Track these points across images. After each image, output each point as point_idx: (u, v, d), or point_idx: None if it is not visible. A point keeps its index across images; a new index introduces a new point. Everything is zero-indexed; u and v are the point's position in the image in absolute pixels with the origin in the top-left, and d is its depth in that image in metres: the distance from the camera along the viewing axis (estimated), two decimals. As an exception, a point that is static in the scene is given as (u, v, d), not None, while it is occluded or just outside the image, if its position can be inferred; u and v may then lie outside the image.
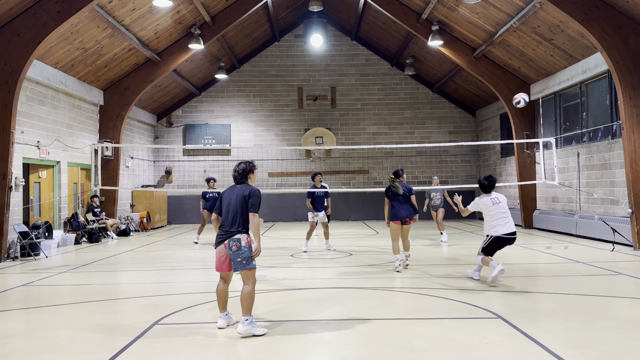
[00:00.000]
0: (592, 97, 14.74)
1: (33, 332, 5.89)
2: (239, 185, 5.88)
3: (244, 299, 5.57)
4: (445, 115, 23.79)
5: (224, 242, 5.68)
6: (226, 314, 5.89)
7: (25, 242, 12.14)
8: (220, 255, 5.77)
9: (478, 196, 8.66)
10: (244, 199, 5.71)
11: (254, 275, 5.70)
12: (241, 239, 5.63)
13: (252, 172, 5.98)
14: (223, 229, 5.74)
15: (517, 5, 13.93)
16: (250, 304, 5.57)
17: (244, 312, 5.55)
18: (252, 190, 5.76)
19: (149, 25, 15.51)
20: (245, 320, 5.50)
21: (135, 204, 20.15)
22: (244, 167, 5.94)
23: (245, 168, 5.94)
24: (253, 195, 5.73)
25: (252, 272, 5.68)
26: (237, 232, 5.65)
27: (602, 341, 5.18)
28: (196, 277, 9.34)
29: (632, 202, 11.96)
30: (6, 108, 11.65)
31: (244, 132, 23.65)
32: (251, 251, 5.66)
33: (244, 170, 5.93)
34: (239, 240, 5.61)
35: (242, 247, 5.61)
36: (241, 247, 5.61)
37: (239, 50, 22.46)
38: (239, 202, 5.72)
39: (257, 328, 5.53)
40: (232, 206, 5.74)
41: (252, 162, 6.04)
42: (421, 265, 10.24)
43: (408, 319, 6.17)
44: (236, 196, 5.76)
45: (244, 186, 5.85)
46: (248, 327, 5.47)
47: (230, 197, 5.80)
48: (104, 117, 17.52)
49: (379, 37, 22.49)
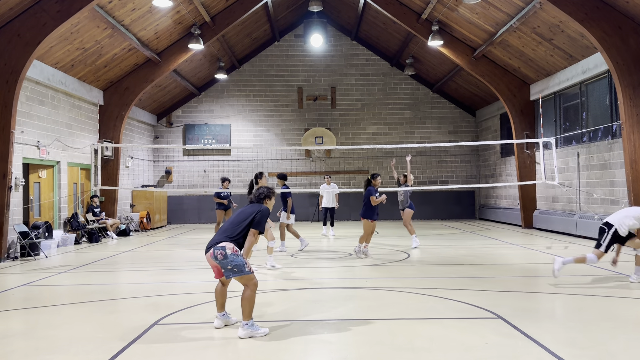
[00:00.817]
0: (592, 97, 14.74)
1: (33, 332, 5.88)
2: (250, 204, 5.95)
3: (243, 303, 5.49)
4: (445, 115, 23.79)
5: (210, 250, 5.60)
6: (223, 314, 5.87)
7: (25, 242, 12.14)
8: (210, 263, 5.70)
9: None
10: (251, 214, 5.72)
11: (252, 280, 5.54)
12: (226, 247, 5.51)
13: (269, 198, 6.05)
14: (214, 236, 5.74)
15: (517, 5, 13.93)
16: (250, 309, 5.47)
17: (244, 316, 5.49)
18: (261, 208, 5.81)
19: (149, 25, 15.51)
20: (245, 324, 5.46)
21: (135, 204, 20.15)
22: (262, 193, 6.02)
23: (262, 193, 6.02)
24: (261, 211, 5.76)
25: (249, 278, 5.52)
26: (223, 240, 5.57)
27: (602, 341, 5.18)
28: (196, 277, 9.33)
29: (632, 202, 11.95)
30: (6, 108, 11.65)
31: (244, 132, 23.65)
32: (241, 258, 5.54)
33: (260, 195, 6.01)
34: (223, 249, 5.50)
35: (228, 256, 5.48)
36: (227, 256, 5.48)
37: (239, 50, 22.45)
38: (242, 215, 5.76)
39: (258, 330, 5.48)
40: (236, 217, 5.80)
41: (272, 190, 6.12)
42: (421, 265, 10.24)
43: (408, 319, 6.17)
44: (243, 212, 5.81)
45: (255, 205, 5.89)
46: (248, 331, 5.44)
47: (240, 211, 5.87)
48: (104, 117, 17.52)
49: (379, 37, 22.49)
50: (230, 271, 5.50)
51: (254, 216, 5.70)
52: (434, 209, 23.22)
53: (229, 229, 5.69)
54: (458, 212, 23.50)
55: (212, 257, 5.56)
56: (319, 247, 13.40)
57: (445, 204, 23.43)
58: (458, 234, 16.42)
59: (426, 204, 23.15)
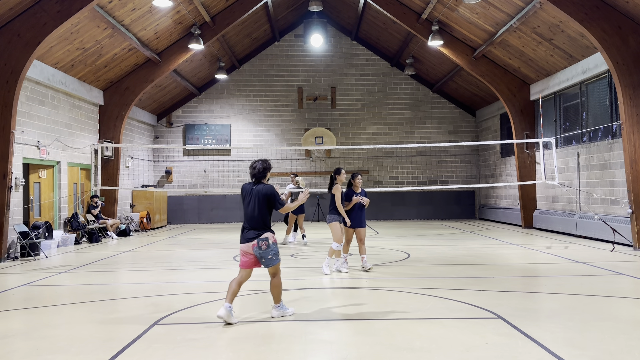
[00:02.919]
0: (592, 97, 14.74)
1: (33, 332, 5.88)
2: (256, 186, 6.18)
3: (273, 289, 6.15)
4: (445, 115, 23.78)
5: (252, 242, 5.98)
6: (229, 307, 5.95)
7: (25, 242, 12.14)
8: (246, 252, 6.07)
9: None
10: (265, 199, 6.06)
11: (279, 267, 6.18)
12: (268, 237, 6.00)
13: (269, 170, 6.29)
14: (248, 227, 6.07)
15: (517, 5, 13.93)
16: (279, 293, 6.16)
17: (275, 300, 6.19)
18: (269, 191, 6.09)
19: (149, 25, 15.51)
20: (277, 306, 6.18)
21: (135, 204, 20.15)
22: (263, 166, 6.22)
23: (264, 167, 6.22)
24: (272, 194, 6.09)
25: (278, 265, 6.15)
26: (264, 232, 6.01)
27: (602, 341, 5.18)
28: (196, 277, 9.34)
29: (632, 202, 11.96)
30: (6, 108, 11.65)
31: (244, 132, 23.65)
32: (277, 247, 6.08)
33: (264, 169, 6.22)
34: (267, 240, 5.97)
35: (270, 245, 5.98)
36: (270, 245, 5.98)
37: (239, 50, 22.46)
38: (259, 202, 6.06)
39: (287, 310, 6.25)
40: (252, 205, 6.08)
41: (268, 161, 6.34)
42: (421, 265, 10.24)
43: (408, 319, 6.17)
44: (256, 196, 6.09)
45: (260, 186, 6.16)
46: (280, 312, 6.17)
47: (250, 196, 6.14)
48: (104, 117, 17.52)
49: (379, 37, 22.49)
50: (270, 260, 6.01)
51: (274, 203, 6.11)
52: (434, 209, 23.23)
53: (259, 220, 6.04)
54: (458, 212, 23.51)
55: (255, 247, 5.96)
56: (319, 247, 13.40)
57: (445, 204, 23.42)
58: (458, 234, 16.42)
59: (426, 204, 23.17)
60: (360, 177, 9.51)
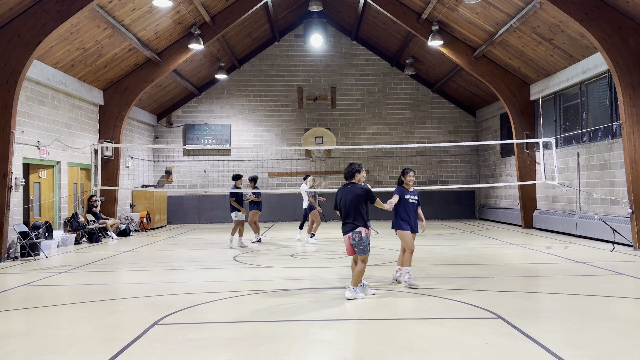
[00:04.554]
0: (592, 97, 14.74)
1: (33, 332, 5.88)
2: (350, 185, 7.34)
3: (355, 273, 7.20)
4: (445, 115, 23.79)
5: (349, 233, 7.18)
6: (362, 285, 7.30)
7: (25, 242, 12.14)
8: (346, 243, 7.30)
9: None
10: (360, 197, 7.17)
11: (367, 258, 7.26)
12: (362, 231, 7.14)
13: (358, 172, 7.39)
14: (347, 222, 7.23)
15: (517, 5, 13.93)
16: (358, 278, 7.17)
17: (352, 282, 7.20)
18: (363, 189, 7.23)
19: (149, 25, 15.51)
20: (352, 288, 7.17)
21: (135, 204, 20.15)
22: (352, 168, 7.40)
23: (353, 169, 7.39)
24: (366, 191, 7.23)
25: (367, 256, 7.21)
26: (359, 226, 7.13)
27: (602, 341, 5.18)
28: (196, 277, 9.34)
29: (632, 202, 11.96)
30: (6, 108, 11.65)
31: (244, 132, 23.65)
32: (369, 241, 7.19)
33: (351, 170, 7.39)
34: (360, 233, 7.13)
35: (362, 238, 7.12)
36: (362, 238, 7.12)
37: (239, 50, 22.46)
38: (353, 199, 7.16)
39: (359, 294, 7.15)
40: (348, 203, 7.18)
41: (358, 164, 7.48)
42: (421, 265, 10.23)
43: (408, 319, 6.17)
44: (351, 194, 7.22)
45: (354, 186, 7.30)
46: (353, 294, 7.12)
47: (345, 195, 7.27)
48: (104, 117, 17.52)
49: (379, 37, 22.49)
50: (361, 250, 7.16)
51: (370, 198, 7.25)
52: (434, 209, 23.22)
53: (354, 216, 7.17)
54: (458, 212, 23.51)
55: (350, 238, 7.18)
56: (319, 247, 13.40)
57: (445, 204, 23.43)
58: (458, 234, 16.42)
59: (426, 204, 23.14)
60: (413, 174, 8.18)
